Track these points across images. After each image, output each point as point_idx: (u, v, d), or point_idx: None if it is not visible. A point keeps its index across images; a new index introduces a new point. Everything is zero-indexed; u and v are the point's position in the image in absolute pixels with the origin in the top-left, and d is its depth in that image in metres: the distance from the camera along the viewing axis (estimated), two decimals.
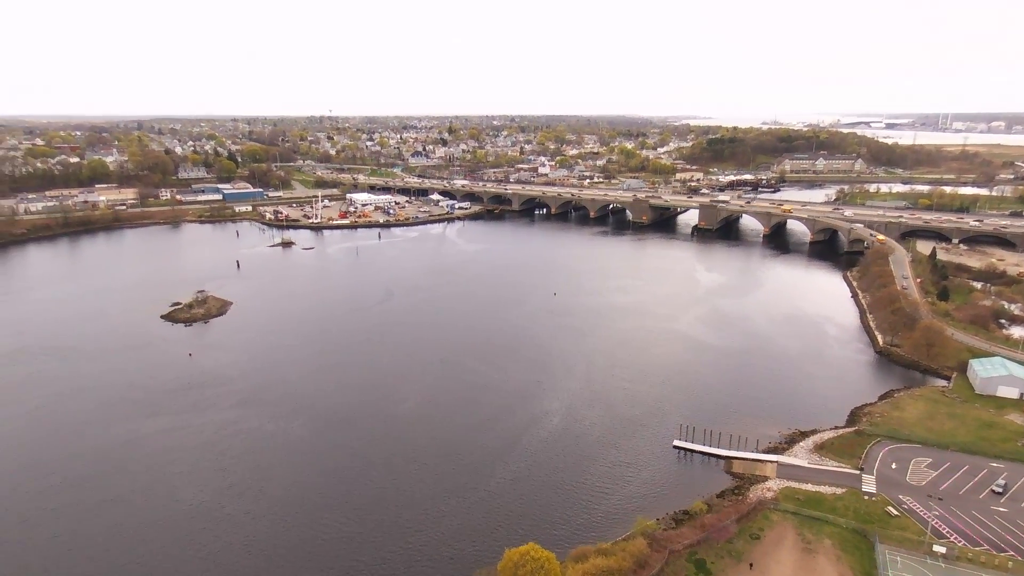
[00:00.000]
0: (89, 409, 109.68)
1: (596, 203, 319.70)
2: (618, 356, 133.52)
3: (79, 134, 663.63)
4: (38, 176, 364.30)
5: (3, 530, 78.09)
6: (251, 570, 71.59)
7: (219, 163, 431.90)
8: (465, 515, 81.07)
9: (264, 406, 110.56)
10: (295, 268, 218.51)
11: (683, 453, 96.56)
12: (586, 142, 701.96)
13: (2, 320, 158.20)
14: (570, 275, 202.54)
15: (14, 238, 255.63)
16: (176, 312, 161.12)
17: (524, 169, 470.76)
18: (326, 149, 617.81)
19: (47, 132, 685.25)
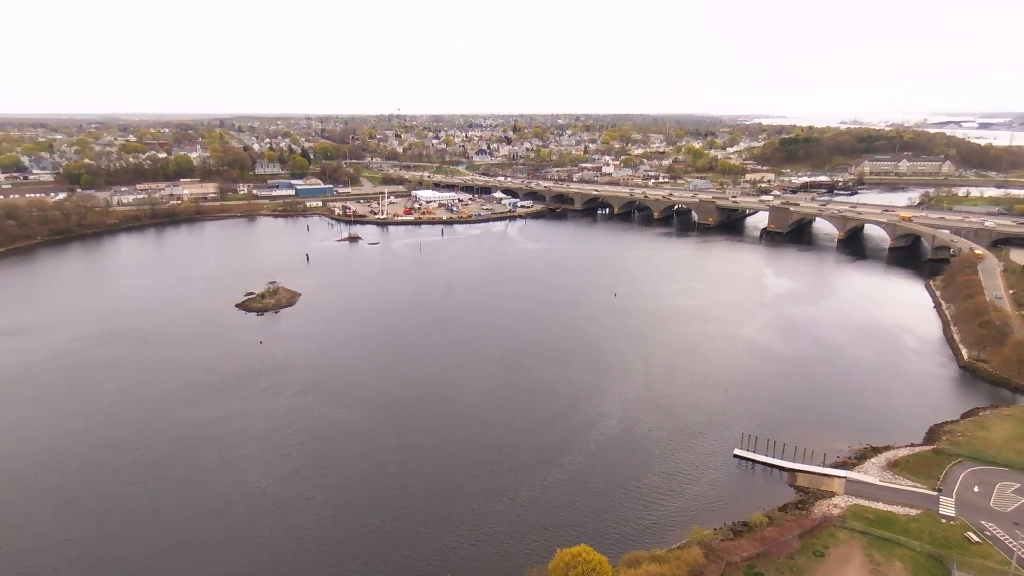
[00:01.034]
0: (169, 391, 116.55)
1: (660, 203, 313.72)
2: (679, 361, 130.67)
3: (167, 131, 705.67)
4: (130, 170, 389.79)
5: (90, 501, 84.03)
6: (310, 554, 74.24)
7: (293, 160, 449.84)
8: (517, 513, 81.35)
9: (328, 395, 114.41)
10: (361, 262, 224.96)
11: (744, 463, 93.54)
12: (652, 141, 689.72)
13: (95, 305, 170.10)
14: (631, 276, 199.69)
15: (108, 228, 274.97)
16: (249, 301, 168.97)
17: (588, 168, 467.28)
18: (393, 147, 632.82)
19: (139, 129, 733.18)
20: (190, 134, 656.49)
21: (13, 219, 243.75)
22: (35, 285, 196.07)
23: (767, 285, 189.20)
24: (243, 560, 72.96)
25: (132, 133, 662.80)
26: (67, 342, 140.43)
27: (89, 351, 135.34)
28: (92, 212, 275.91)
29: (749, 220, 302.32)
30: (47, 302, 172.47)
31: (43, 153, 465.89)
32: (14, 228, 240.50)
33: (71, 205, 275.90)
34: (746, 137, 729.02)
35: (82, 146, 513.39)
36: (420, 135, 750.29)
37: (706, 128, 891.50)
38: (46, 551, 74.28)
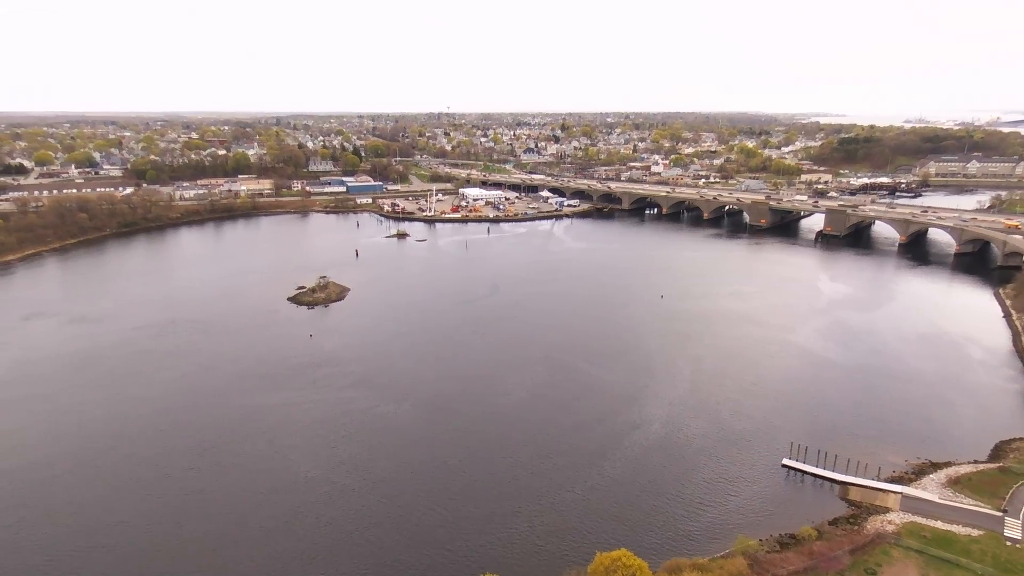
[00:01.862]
0: (224, 380, 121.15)
1: (710, 204, 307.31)
2: (727, 365, 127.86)
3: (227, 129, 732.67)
4: (192, 166, 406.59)
5: (148, 484, 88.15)
6: (354, 544, 76.02)
7: (345, 157, 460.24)
8: (558, 513, 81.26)
9: (375, 389, 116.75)
10: (408, 259, 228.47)
11: (793, 473, 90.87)
12: (703, 140, 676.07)
13: (157, 295, 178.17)
14: (679, 278, 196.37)
15: (170, 221, 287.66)
16: (301, 295, 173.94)
17: (636, 167, 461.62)
18: (442, 145, 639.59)
19: (201, 127, 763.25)
20: (248, 132, 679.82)
21: (85, 212, 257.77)
22: (104, 275, 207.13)
23: (821, 290, 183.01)
24: (289, 547, 75.28)
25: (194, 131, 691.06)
26: (132, 330, 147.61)
27: (152, 339, 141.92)
28: (156, 206, 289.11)
29: (804, 222, 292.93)
30: (114, 291, 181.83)
31: (113, 149, 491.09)
32: (86, 221, 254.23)
33: (137, 199, 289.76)
34: (802, 136, 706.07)
35: (148, 143, 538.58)
36: (469, 133, 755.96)
37: (760, 127, 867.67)
38: (106, 530, 78.36)
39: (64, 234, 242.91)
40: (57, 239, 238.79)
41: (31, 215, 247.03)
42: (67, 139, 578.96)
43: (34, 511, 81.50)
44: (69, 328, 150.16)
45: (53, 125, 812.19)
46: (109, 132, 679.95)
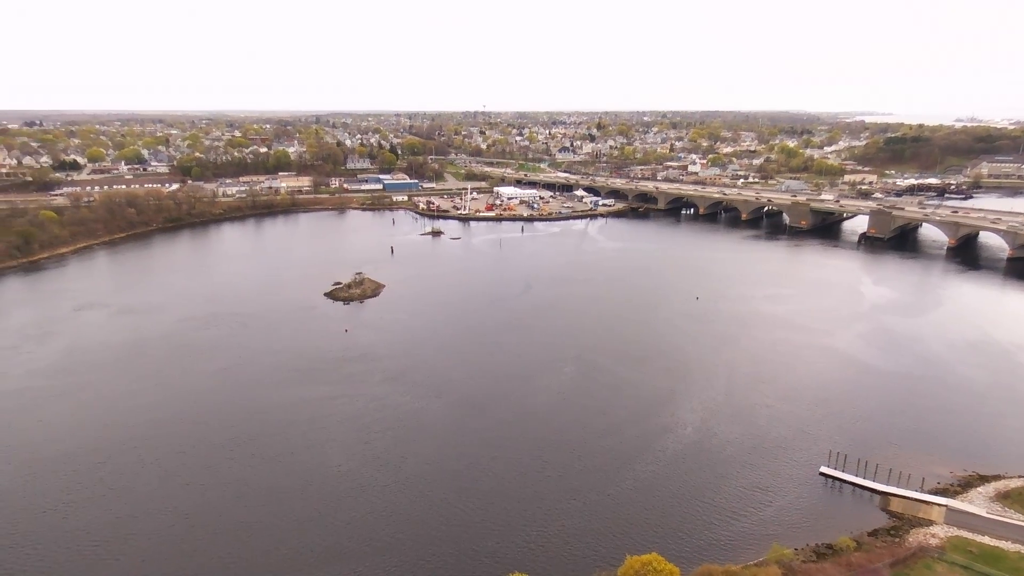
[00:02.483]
0: (263, 373, 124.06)
1: (749, 204, 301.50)
2: (763, 370, 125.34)
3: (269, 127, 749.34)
4: (234, 164, 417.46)
5: (189, 473, 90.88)
6: (385, 539, 77.05)
7: (382, 155, 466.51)
8: (588, 516, 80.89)
9: (407, 385, 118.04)
10: (442, 256, 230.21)
11: (831, 482, 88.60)
12: (743, 139, 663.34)
13: (200, 289, 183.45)
14: (715, 279, 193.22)
15: (213, 217, 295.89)
16: (337, 291, 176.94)
17: (673, 167, 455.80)
18: (478, 143, 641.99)
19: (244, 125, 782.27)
20: (289, 130, 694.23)
21: (134, 207, 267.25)
22: (150, 268, 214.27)
23: (864, 294, 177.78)
24: (321, 539, 76.72)
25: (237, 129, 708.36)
26: (176, 322, 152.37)
27: (194, 332, 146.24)
28: (200, 202, 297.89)
29: (846, 224, 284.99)
30: (160, 284, 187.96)
31: (160, 147, 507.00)
32: (134, 216, 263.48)
33: (183, 195, 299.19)
34: (846, 136, 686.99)
35: (194, 141, 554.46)
36: (504, 132, 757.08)
37: (802, 126, 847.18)
38: (147, 516, 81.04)
39: (113, 228, 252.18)
40: (107, 233, 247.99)
41: (83, 210, 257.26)
42: (118, 137, 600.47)
43: (81, 495, 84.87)
44: (117, 319, 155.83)
45: (105, 123, 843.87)
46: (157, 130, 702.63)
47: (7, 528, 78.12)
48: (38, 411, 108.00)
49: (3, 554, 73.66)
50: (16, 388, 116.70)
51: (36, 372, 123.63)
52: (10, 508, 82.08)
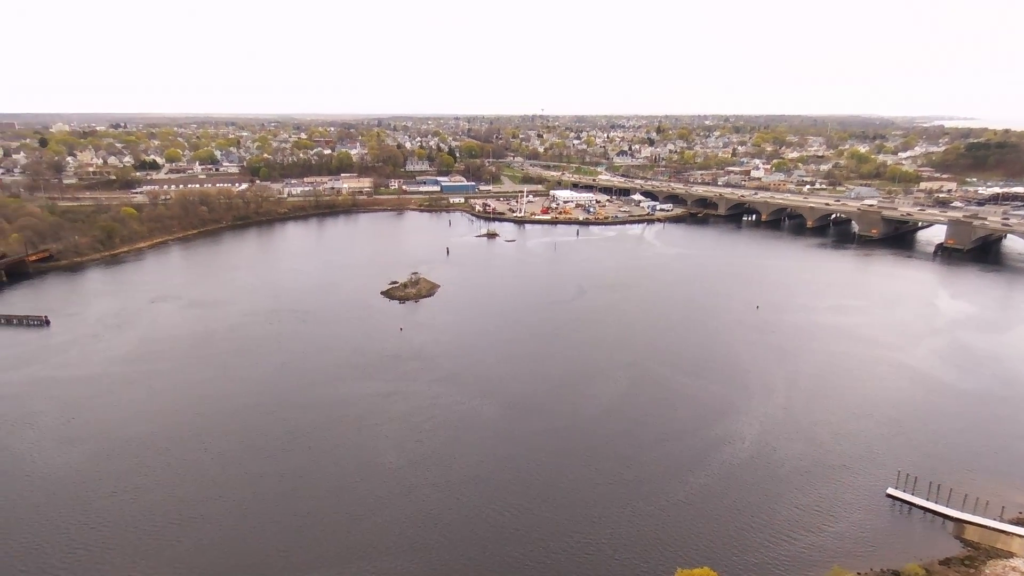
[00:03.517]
0: (320, 368, 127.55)
1: (815, 211, 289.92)
2: (827, 384, 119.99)
3: (333, 130, 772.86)
4: (300, 165, 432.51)
5: (250, 462, 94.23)
6: (431, 538, 77.69)
7: (440, 157, 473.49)
8: (637, 526, 79.24)
9: (459, 385, 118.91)
10: (497, 258, 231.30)
11: (899, 505, 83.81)
12: (810, 144, 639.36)
13: (264, 285, 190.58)
14: (776, 288, 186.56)
15: (279, 216, 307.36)
16: (393, 290, 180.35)
17: (735, 172, 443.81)
18: (535, 146, 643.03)
19: (310, 128, 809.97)
20: (352, 133, 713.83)
21: (205, 205, 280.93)
22: (219, 264, 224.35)
23: (940, 308, 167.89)
24: (370, 535, 77.98)
25: (304, 131, 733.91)
26: (241, 315, 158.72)
27: (258, 325, 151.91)
28: (267, 202, 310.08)
29: (921, 234, 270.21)
30: (228, 279, 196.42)
31: (232, 148, 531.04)
32: (205, 213, 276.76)
33: (251, 195, 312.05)
34: (923, 141, 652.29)
35: (263, 142, 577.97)
36: (562, 135, 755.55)
37: (875, 130, 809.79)
38: (207, 502, 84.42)
39: (187, 225, 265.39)
40: (181, 229, 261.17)
41: (160, 207, 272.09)
42: (193, 138, 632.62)
43: (148, 479, 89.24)
44: (188, 311, 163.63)
45: (183, 125, 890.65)
46: (229, 132, 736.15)
47: (81, 506, 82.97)
48: (113, 396, 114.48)
49: (77, 531, 78.19)
50: (95, 374, 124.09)
51: (113, 359, 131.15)
52: (85, 486, 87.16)
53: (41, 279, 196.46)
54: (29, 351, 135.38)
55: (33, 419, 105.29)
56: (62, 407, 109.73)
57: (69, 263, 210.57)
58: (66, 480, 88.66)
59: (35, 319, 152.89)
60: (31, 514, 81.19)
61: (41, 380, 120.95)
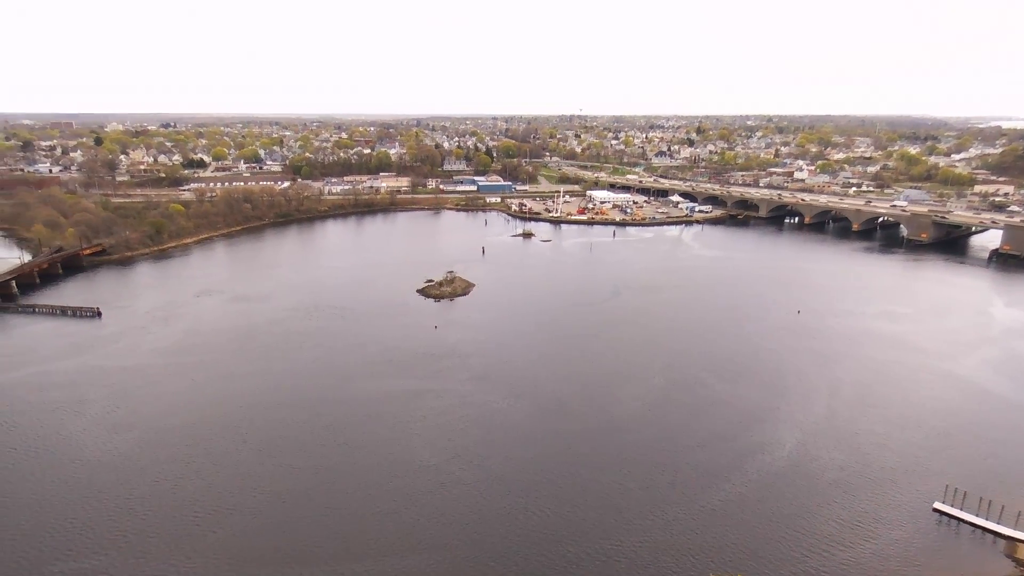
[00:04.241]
0: (357, 363, 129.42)
1: (861, 214, 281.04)
2: (872, 392, 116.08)
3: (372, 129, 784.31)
4: (340, 164, 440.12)
5: (287, 455, 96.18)
6: (460, 536, 77.97)
7: (477, 157, 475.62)
8: (671, 531, 78.00)
9: (493, 384, 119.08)
10: (532, 258, 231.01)
11: (946, 520, 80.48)
12: (857, 145, 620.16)
13: (304, 281, 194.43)
14: (819, 293, 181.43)
15: (319, 214, 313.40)
16: (428, 288, 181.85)
17: (777, 173, 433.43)
18: (572, 147, 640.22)
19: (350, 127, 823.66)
20: (391, 132, 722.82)
21: (249, 203, 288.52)
22: (262, 260, 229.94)
23: (994, 316, 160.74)
24: (400, 531, 78.69)
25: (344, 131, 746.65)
26: (282, 310, 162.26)
27: (298, 321, 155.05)
28: (308, 200, 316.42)
29: (975, 239, 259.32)
30: (269, 275, 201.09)
31: (275, 147, 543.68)
32: (249, 210, 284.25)
33: (292, 193, 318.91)
34: (978, 142, 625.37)
35: (305, 142, 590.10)
36: (599, 135, 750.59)
37: (926, 131, 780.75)
38: (245, 492, 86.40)
39: (231, 221, 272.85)
40: (225, 226, 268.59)
41: (206, 204, 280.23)
42: (239, 137, 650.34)
43: (188, 468, 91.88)
44: (231, 306, 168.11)
45: (229, 125, 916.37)
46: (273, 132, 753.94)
47: (126, 492, 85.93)
48: (158, 386, 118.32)
49: (121, 516, 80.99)
50: (142, 364, 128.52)
51: (159, 351, 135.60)
52: (130, 473, 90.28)
53: (94, 272, 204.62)
54: (82, 341, 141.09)
55: (83, 407, 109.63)
56: (111, 395, 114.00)
57: (120, 257, 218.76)
58: (113, 466, 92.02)
59: (88, 310, 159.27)
60: (81, 498, 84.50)
61: (92, 369, 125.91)
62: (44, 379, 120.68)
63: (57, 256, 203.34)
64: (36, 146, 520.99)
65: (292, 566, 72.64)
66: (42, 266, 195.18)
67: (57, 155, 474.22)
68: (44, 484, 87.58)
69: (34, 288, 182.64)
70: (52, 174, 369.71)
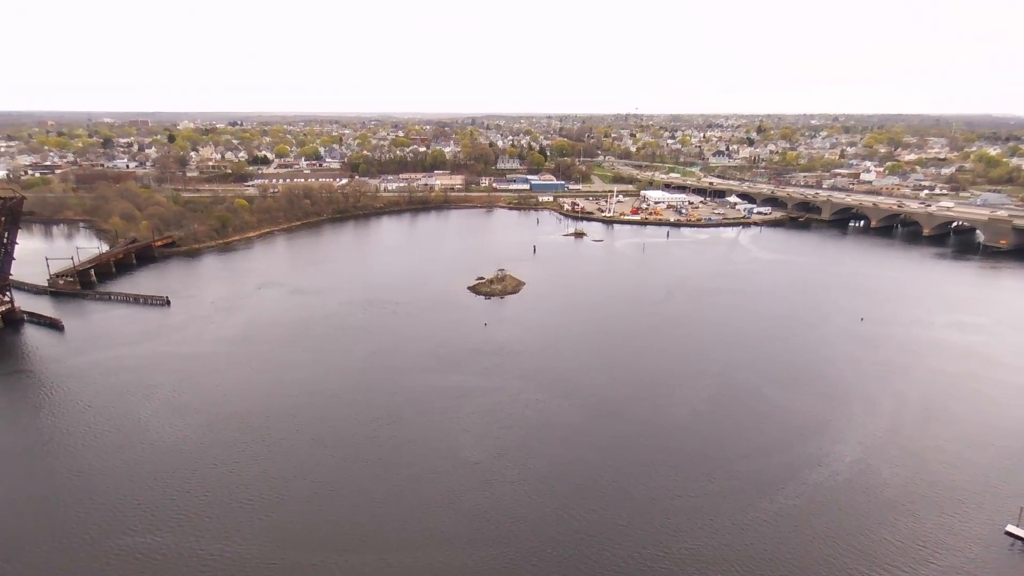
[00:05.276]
0: (408, 358, 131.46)
1: (934, 219, 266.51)
2: (940, 407, 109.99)
3: (428, 128, 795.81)
4: (396, 162, 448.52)
5: (336, 445, 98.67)
6: (501, 534, 78.07)
7: (531, 156, 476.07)
8: (720, 540, 75.93)
9: (541, 383, 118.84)
10: (583, 258, 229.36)
11: (1019, 544, 75.48)
12: (930, 146, 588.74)
13: (359, 276, 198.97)
14: (884, 300, 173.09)
15: (374, 210, 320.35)
16: (479, 285, 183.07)
17: (842, 174, 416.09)
18: (627, 146, 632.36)
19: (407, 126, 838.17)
20: (446, 131, 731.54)
21: (309, 199, 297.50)
22: (319, 254, 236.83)
23: None
24: (445, 525, 79.44)
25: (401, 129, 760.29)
26: (337, 304, 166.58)
27: (352, 314, 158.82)
28: (364, 196, 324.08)
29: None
30: (326, 269, 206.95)
31: (334, 145, 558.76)
32: (308, 206, 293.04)
33: (350, 190, 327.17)
34: None
35: (363, 140, 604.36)
36: (655, 135, 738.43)
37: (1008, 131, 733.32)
38: (297, 480, 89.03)
39: (291, 216, 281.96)
40: (286, 220, 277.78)
41: (269, 199, 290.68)
42: (300, 135, 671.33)
43: (245, 453, 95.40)
44: (289, 298, 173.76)
45: (292, 123, 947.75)
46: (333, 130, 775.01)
47: (187, 474, 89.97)
48: (219, 374, 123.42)
49: (181, 497, 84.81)
50: (205, 352, 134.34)
51: (221, 340, 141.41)
52: (192, 456, 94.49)
53: (165, 263, 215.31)
54: (151, 328, 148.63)
55: (151, 391, 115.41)
56: (176, 381, 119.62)
57: (188, 249, 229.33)
58: (176, 449, 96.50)
59: (158, 299, 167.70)
60: (146, 478, 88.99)
61: (160, 355, 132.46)
62: (117, 363, 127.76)
63: (132, 247, 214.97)
64: (115, 143, 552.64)
65: (341, 553, 74.47)
66: (118, 256, 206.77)
67: (134, 151, 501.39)
68: (115, 463, 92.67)
69: (110, 276, 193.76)
70: (128, 169, 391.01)
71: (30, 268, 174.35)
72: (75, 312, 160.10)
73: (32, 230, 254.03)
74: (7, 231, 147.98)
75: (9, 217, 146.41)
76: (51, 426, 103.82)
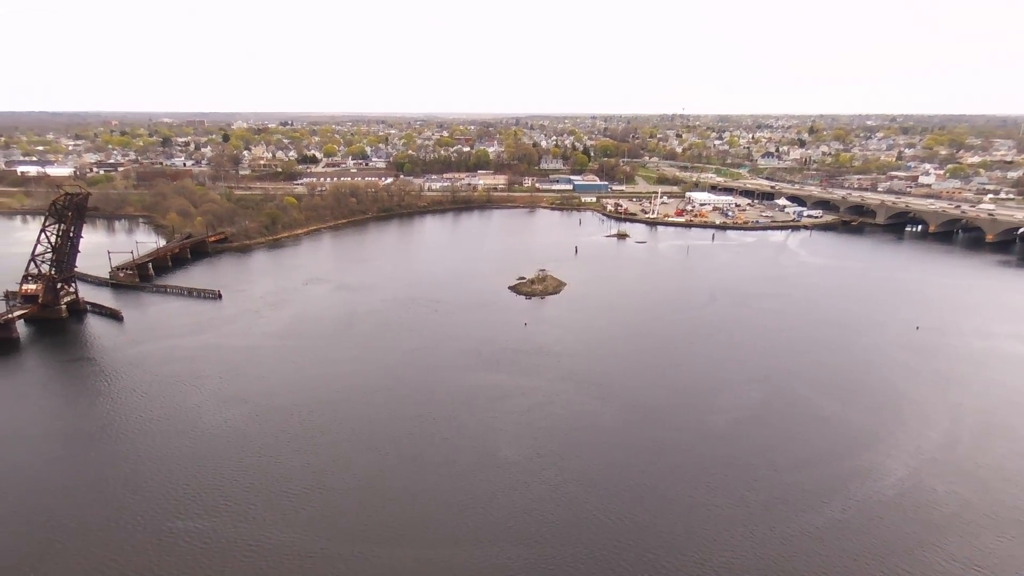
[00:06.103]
0: (448, 355, 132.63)
1: (998, 224, 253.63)
2: (1001, 421, 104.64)
3: (473, 128, 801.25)
4: (440, 161, 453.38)
5: (376, 441, 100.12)
6: (535, 535, 77.81)
7: (574, 156, 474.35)
8: (761, 552, 73.98)
9: (580, 385, 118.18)
10: (626, 260, 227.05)
11: None
12: (996, 148, 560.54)
13: (402, 274, 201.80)
14: (942, 308, 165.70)
15: (418, 209, 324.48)
16: (520, 285, 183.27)
17: (899, 177, 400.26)
18: (673, 147, 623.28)
19: (452, 126, 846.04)
20: (490, 131, 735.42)
21: (355, 197, 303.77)
22: (364, 252, 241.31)
23: None
24: (479, 524, 79.69)
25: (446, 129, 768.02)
26: (380, 301, 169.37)
27: (394, 311, 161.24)
28: (409, 195, 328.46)
29: None
30: (371, 266, 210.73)
31: (381, 145, 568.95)
32: (354, 205, 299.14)
33: (395, 189, 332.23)
34: None
35: (408, 140, 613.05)
36: (702, 135, 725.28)
37: None
38: (337, 473, 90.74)
39: (338, 215, 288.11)
40: (332, 218, 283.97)
41: (316, 197, 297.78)
42: (348, 135, 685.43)
43: (288, 445, 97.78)
44: (335, 294, 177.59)
45: (340, 123, 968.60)
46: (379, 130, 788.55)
47: (233, 463, 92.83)
48: (266, 366, 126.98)
49: (228, 486, 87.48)
50: (253, 345, 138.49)
51: (268, 334, 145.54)
52: (237, 445, 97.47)
53: (217, 258, 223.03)
54: (203, 320, 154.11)
55: (201, 381, 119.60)
56: (225, 372, 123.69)
57: (240, 245, 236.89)
58: (223, 438, 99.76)
59: (210, 292, 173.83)
60: (195, 464, 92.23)
61: (210, 346, 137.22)
62: (170, 353, 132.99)
63: (187, 242, 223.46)
64: (174, 142, 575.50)
65: (380, 546, 75.64)
66: (174, 251, 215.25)
67: (191, 150, 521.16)
68: (167, 449, 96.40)
69: (166, 270, 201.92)
70: (185, 167, 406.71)
71: (93, 261, 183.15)
72: (134, 303, 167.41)
73: (96, 225, 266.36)
74: (73, 225, 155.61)
75: (76, 212, 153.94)
76: (109, 412, 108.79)
